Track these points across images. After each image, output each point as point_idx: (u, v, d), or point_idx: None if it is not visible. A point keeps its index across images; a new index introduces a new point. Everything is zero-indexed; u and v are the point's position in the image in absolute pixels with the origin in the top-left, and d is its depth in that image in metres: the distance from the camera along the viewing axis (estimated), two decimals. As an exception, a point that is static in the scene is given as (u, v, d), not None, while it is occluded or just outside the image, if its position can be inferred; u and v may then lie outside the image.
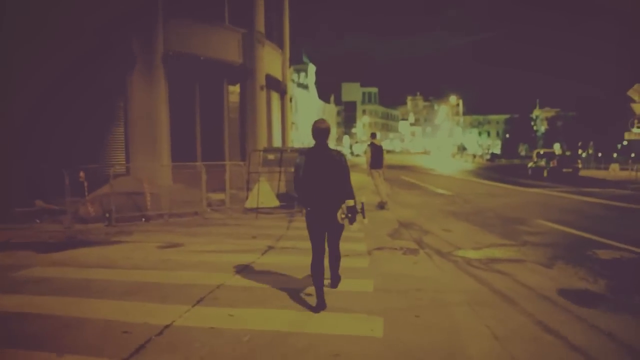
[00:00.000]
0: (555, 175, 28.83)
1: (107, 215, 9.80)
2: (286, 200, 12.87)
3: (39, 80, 11.66)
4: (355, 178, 21.54)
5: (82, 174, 9.84)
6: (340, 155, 4.79)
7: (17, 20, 11.84)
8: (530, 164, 34.31)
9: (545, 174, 29.73)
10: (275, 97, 21.59)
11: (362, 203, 4.91)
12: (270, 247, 7.63)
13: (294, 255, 7.10)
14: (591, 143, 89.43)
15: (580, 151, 68.57)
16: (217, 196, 13.18)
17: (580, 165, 30.99)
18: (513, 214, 11.96)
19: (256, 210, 11.46)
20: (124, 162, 14.29)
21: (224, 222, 10.47)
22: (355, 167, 25.46)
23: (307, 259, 7.01)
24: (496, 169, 45.85)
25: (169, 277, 5.87)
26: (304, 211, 4.98)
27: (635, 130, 26.41)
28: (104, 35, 13.43)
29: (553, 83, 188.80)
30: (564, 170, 29.02)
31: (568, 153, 75.30)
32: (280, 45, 22.19)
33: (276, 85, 21.13)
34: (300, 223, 10.28)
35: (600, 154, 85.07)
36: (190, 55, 15.60)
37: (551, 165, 29.48)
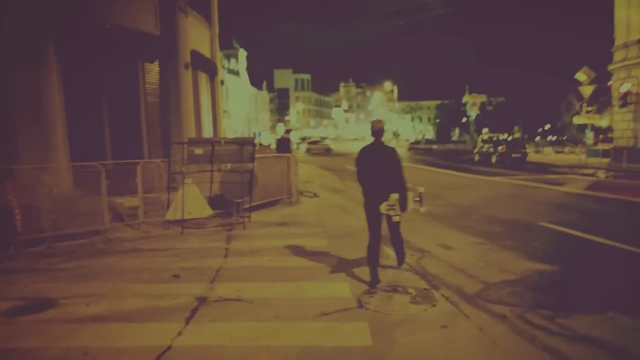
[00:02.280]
0: (505, 161, 27.68)
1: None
2: (221, 206, 9.95)
3: None
4: (305, 171, 18.65)
5: None
6: (392, 150, 5.24)
7: None
8: (476, 150, 33.18)
9: (494, 159, 28.54)
10: (203, 78, 18.25)
11: (420, 193, 5.40)
12: (201, 301, 4.76)
13: (241, 319, 4.28)
14: (516, 127, 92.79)
15: (506, 135, 70.13)
16: (132, 202, 9.99)
17: (528, 150, 30.08)
18: (504, 214, 9.79)
19: (181, 224, 8.48)
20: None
21: (135, 247, 7.40)
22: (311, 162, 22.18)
23: (264, 328, 4.27)
24: (437, 154, 44.83)
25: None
26: (245, 220, 6.48)
27: (584, 114, 25.62)
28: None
29: (480, 70, 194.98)
30: (513, 155, 27.90)
31: (517, 136, 77.13)
32: (208, 19, 18.80)
33: (204, 65, 17.79)
34: (242, 242, 7.46)
35: (526, 136, 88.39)
36: (89, 23, 12.01)
37: (500, 150, 28.27)
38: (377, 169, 5.14)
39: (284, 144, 14.82)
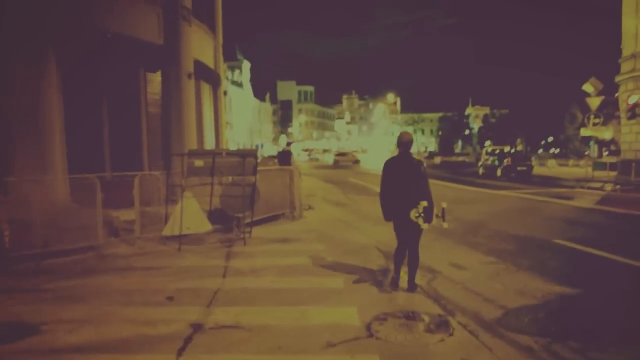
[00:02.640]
0: (510, 174, 27.29)
1: None
2: (221, 221, 9.59)
3: None
4: (308, 184, 18.31)
5: None
6: (420, 163, 5.33)
7: None
8: (480, 163, 32.75)
9: (499, 172, 28.11)
10: (206, 89, 18.00)
11: (443, 208, 5.33)
12: (196, 329, 4.36)
13: (239, 350, 3.88)
14: (519, 140, 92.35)
15: (508, 147, 69.92)
16: (129, 215, 9.61)
17: (533, 163, 29.66)
18: (516, 231, 9.38)
19: (179, 240, 8.10)
20: None
21: (129, 265, 7.01)
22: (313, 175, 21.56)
23: None
24: (439, 167, 44.35)
25: None
26: (246, 236, 7.15)
27: (591, 126, 25.26)
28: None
29: (483, 82, 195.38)
30: (519, 168, 27.49)
31: (520, 148, 76.34)
32: (212, 28, 18.61)
33: (207, 75, 17.55)
34: (243, 260, 7.08)
35: (529, 148, 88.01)
36: (92, 31, 11.75)
37: (505, 163, 27.85)
38: (404, 180, 5.20)
39: (284, 157, 14.55)
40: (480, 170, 31.28)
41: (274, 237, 9.01)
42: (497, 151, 32.36)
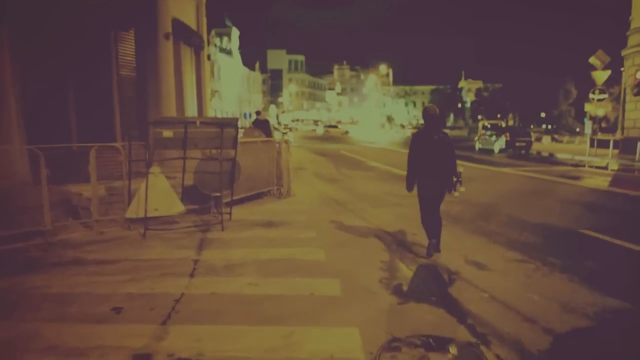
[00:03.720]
0: (508, 150, 26.23)
1: None
2: (197, 201, 8.37)
3: None
4: (298, 156, 16.96)
5: None
6: (446, 135, 5.69)
7: None
8: (477, 137, 31.60)
9: (496, 148, 27.03)
10: (187, 52, 16.43)
11: (460, 172, 5.64)
12: (139, 364, 3.18)
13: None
14: (510, 115, 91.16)
15: (503, 122, 69.03)
16: (97, 191, 8.29)
17: (533, 139, 28.57)
18: (533, 217, 8.24)
19: (145, 224, 6.84)
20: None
21: (78, 256, 5.75)
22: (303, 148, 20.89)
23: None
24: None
25: None
26: (225, 218, 7.02)
27: (596, 102, 24.08)
28: None
29: (477, 55, 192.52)
30: (517, 144, 26.41)
31: (511, 123, 75.37)
32: (194, -15, 16.97)
33: (188, 37, 15.97)
34: (218, 250, 5.87)
35: (520, 124, 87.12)
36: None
37: (504, 138, 26.73)
38: (433, 151, 5.54)
39: (264, 128, 12.94)
40: (477, 145, 30.17)
41: (258, 220, 7.82)
42: (488, 125, 31.16)
